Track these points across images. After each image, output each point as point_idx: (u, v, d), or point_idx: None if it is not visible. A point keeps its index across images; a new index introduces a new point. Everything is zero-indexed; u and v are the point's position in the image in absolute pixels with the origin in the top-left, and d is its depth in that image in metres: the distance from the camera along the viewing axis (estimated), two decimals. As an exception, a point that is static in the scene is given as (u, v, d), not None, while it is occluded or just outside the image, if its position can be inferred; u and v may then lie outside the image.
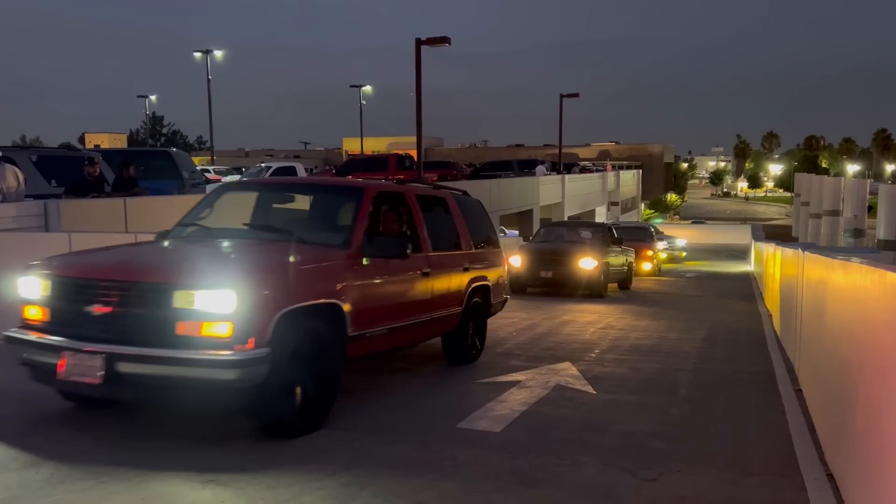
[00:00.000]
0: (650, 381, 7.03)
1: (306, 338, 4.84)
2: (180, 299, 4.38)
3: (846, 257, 4.46)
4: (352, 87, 59.47)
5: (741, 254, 33.49)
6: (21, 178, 9.99)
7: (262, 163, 29.13)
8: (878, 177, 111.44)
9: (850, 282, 4.05)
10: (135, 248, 6.06)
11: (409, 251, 6.00)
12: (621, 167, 62.20)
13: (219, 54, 45.90)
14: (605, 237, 16.40)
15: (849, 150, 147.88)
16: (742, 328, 11.37)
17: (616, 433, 5.18)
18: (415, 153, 24.82)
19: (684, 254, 31.22)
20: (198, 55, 44.88)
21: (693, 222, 61.27)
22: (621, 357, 8.28)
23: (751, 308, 14.29)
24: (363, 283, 5.49)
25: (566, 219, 34.80)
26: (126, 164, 12.05)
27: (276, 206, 6.73)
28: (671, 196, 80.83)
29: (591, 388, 6.53)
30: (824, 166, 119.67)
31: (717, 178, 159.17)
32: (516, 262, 15.04)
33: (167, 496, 3.83)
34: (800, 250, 7.33)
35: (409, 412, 5.63)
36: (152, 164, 16.22)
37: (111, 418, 5.12)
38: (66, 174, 11.82)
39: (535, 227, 33.12)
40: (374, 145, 71.51)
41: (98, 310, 4.51)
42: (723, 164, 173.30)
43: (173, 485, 3.97)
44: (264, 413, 4.63)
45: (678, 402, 6.26)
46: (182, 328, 4.36)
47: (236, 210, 6.67)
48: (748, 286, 19.58)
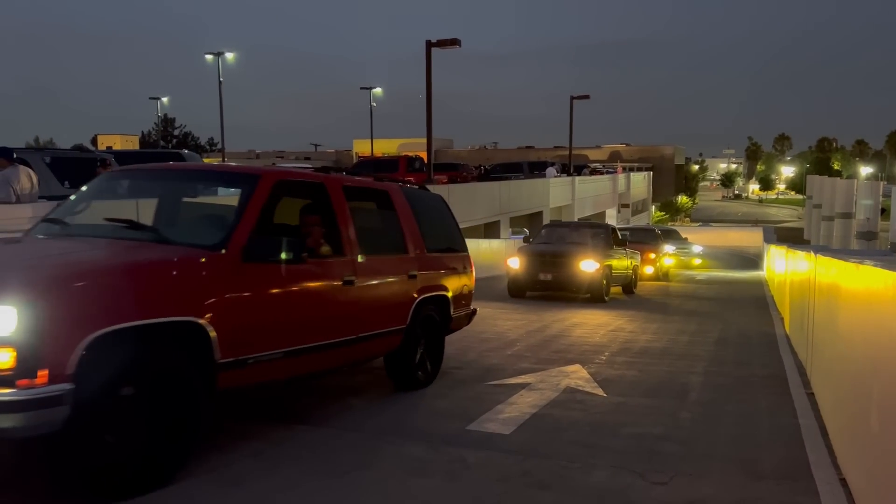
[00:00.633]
0: (661, 384, 7.00)
1: (143, 368, 3.75)
2: None
3: (859, 259, 4.43)
4: (362, 88, 59.64)
5: (753, 260, 32.05)
6: (34, 179, 10.06)
7: (273, 164, 29.26)
8: (891, 179, 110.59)
9: (863, 284, 4.02)
10: None
11: (329, 253, 5.13)
12: (632, 169, 62.08)
13: (230, 57, 46.12)
14: (607, 239, 15.68)
15: (862, 152, 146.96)
16: (753, 331, 11.31)
17: (626, 436, 5.16)
18: (425, 155, 24.86)
19: (697, 261, 29.13)
20: (209, 58, 45.13)
21: (700, 225, 60.94)
22: (632, 360, 8.25)
23: (763, 312, 14.21)
24: (245, 294, 4.31)
25: (576, 220, 34.73)
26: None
27: (183, 198, 5.67)
28: (682, 198, 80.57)
29: (601, 391, 6.51)
30: (837, 168, 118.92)
31: (728, 180, 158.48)
32: (515, 264, 14.61)
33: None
34: (812, 252, 7.28)
35: (419, 413, 5.63)
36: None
37: None
38: (80, 175, 11.87)
39: (546, 230, 33.12)
40: (385, 147, 71.67)
41: None
42: (734, 167, 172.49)
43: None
44: (79, 469, 3.53)
45: (689, 405, 6.22)
46: None
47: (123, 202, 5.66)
48: (760, 293, 18.94)
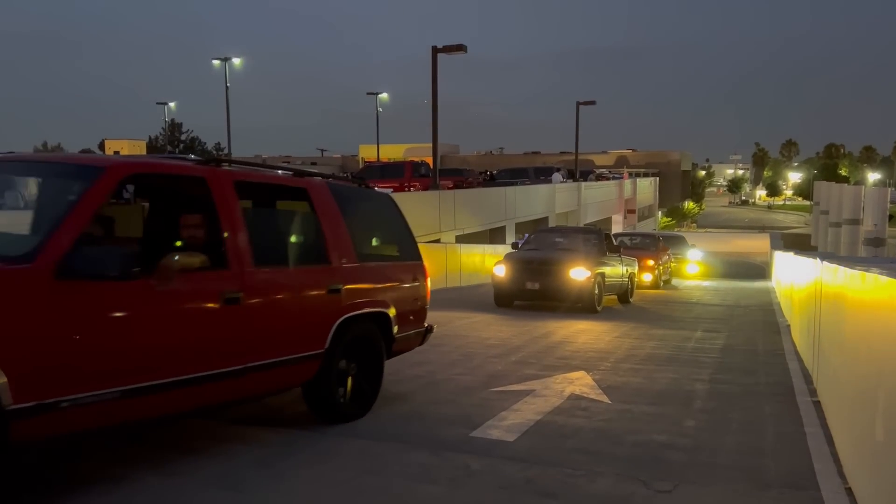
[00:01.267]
0: (666, 392, 6.98)
1: None
2: None
3: (865, 267, 4.41)
4: (369, 94, 59.81)
5: (760, 268, 30.43)
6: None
7: (280, 170, 29.25)
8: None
9: (869, 292, 4.00)
10: None
11: (200, 265, 4.12)
12: (638, 174, 62.01)
13: (237, 62, 46.35)
14: (600, 244, 14.69)
15: (869, 158, 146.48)
16: (759, 339, 11.26)
17: (631, 444, 5.14)
18: (431, 160, 24.90)
19: (691, 267, 26.10)
20: (216, 63, 45.36)
21: (707, 231, 60.62)
22: (637, 366, 8.22)
23: (769, 319, 14.15)
24: (59, 319, 3.45)
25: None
26: None
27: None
28: (689, 204, 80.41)
29: (605, 398, 6.49)
30: (844, 174, 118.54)
31: (735, 185, 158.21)
32: (500, 272, 13.76)
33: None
34: (818, 260, 7.25)
35: (424, 420, 5.62)
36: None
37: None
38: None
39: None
40: (392, 152, 71.76)
41: None
42: (741, 172, 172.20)
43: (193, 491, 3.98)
44: None
45: (694, 412, 6.20)
46: None
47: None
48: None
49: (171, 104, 66.02)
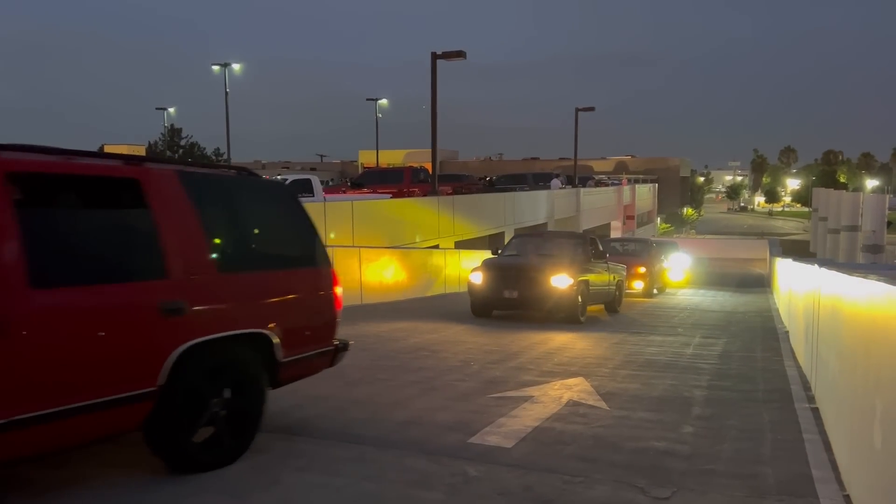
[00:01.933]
0: (664, 398, 6.97)
1: None
2: None
3: (864, 274, 4.41)
4: (368, 100, 59.90)
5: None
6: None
7: (279, 175, 29.35)
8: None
9: (867, 299, 4.01)
10: None
11: None
12: (637, 181, 62.11)
13: (237, 67, 46.39)
14: (584, 250, 13.76)
15: (868, 164, 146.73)
16: (758, 345, 11.25)
17: (629, 450, 5.13)
18: (430, 166, 24.93)
19: (672, 274, 22.90)
20: (216, 68, 45.40)
21: (704, 238, 60.57)
22: (635, 373, 8.21)
23: (767, 325, 14.15)
24: None
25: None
26: None
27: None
28: (688, 210, 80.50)
29: (604, 404, 6.48)
30: (843, 181, 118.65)
31: (733, 192, 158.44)
32: (477, 279, 12.80)
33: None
34: (817, 266, 7.26)
35: (422, 426, 5.61)
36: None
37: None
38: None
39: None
40: (391, 157, 71.83)
41: None
42: (739, 179, 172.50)
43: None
44: None
45: (692, 419, 6.19)
46: None
47: None
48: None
49: (171, 109, 66.10)
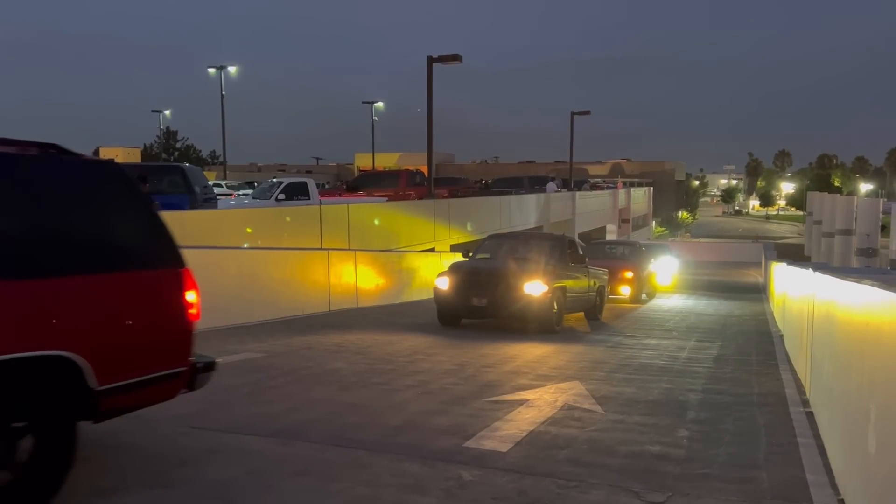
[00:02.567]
0: (659, 402, 6.98)
1: None
2: None
3: (858, 278, 4.42)
4: (364, 103, 59.94)
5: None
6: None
7: (275, 178, 29.31)
8: (891, 196, 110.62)
9: (861, 303, 4.02)
10: None
11: None
12: (633, 184, 62.23)
13: (233, 70, 46.39)
14: (562, 253, 12.75)
15: (862, 168, 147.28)
16: (752, 349, 11.28)
17: (624, 454, 5.13)
18: (426, 169, 24.94)
19: (659, 277, 21.56)
20: (212, 71, 45.39)
21: (698, 241, 60.63)
22: (630, 376, 8.22)
23: (762, 329, 14.18)
24: None
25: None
26: (142, 180, 12.36)
27: None
28: (683, 213, 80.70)
29: (599, 408, 6.48)
30: (837, 185, 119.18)
31: (728, 195, 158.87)
32: (443, 284, 11.87)
33: None
34: (811, 270, 7.28)
35: (416, 430, 5.60)
36: (165, 178, 16.39)
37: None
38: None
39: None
40: (387, 161, 71.84)
41: None
42: (734, 182, 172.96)
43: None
44: None
45: (687, 423, 6.20)
46: None
47: None
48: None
49: (167, 112, 66.15)
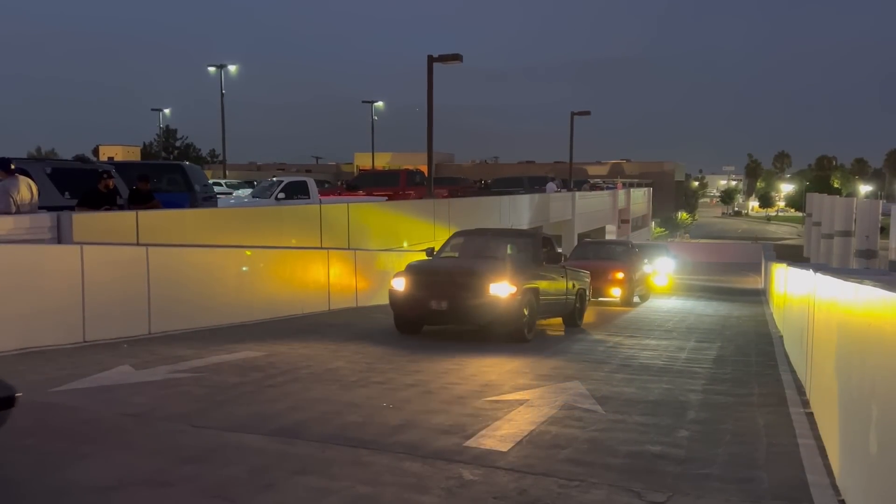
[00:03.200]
0: (659, 402, 6.98)
1: None
2: None
3: (859, 279, 4.43)
4: (364, 102, 59.87)
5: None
6: (34, 190, 10.08)
7: (274, 177, 29.31)
8: (890, 197, 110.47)
9: (862, 304, 4.02)
10: None
11: None
12: (632, 185, 62.28)
13: (233, 69, 46.36)
14: (535, 252, 11.56)
15: (861, 170, 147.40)
16: (752, 350, 11.29)
17: (624, 454, 5.14)
18: (425, 168, 24.94)
19: (656, 275, 21.44)
20: (212, 69, 45.36)
21: (697, 242, 60.63)
22: (630, 377, 8.22)
23: (761, 330, 14.19)
24: None
25: (575, 236, 34.43)
26: (143, 178, 12.38)
27: None
28: (682, 214, 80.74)
29: (599, 408, 6.48)
30: (836, 186, 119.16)
31: (727, 196, 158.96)
32: (399, 286, 10.43)
33: None
34: (812, 271, 7.28)
35: (417, 429, 5.60)
36: (165, 177, 16.38)
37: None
38: (80, 186, 11.94)
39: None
40: (379, 160, 71.80)
41: None
42: (734, 183, 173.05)
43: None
44: None
45: (687, 423, 6.20)
46: None
47: None
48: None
49: (166, 111, 66.07)
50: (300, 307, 12.88)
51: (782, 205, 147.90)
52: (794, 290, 9.76)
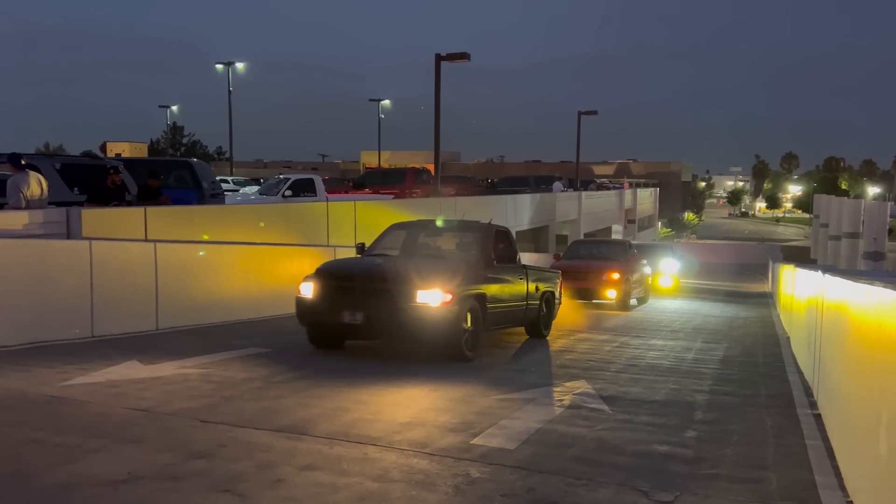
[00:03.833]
0: (666, 402, 6.97)
1: None
2: None
3: (869, 281, 4.42)
4: (371, 100, 59.90)
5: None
6: (45, 185, 10.15)
7: (281, 174, 29.37)
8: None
9: (872, 305, 4.01)
10: None
11: None
12: (639, 185, 62.17)
13: (240, 66, 46.44)
14: (484, 249, 9.48)
15: (869, 171, 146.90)
16: (759, 351, 11.26)
17: (631, 454, 5.13)
18: (432, 167, 24.94)
19: (661, 276, 20.81)
20: (220, 67, 45.42)
21: (704, 243, 60.48)
22: (637, 376, 8.22)
23: (768, 332, 14.15)
24: None
25: (582, 236, 34.31)
26: (152, 175, 12.44)
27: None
28: (689, 215, 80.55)
29: (606, 408, 6.48)
30: (844, 188, 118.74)
31: (735, 197, 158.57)
32: (307, 291, 8.57)
33: None
34: (820, 273, 7.27)
35: (424, 427, 5.61)
36: (173, 174, 16.44)
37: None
38: (89, 182, 12.01)
39: (552, 245, 33.06)
40: (393, 159, 71.85)
41: None
42: (741, 184, 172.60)
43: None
44: None
45: (695, 423, 6.19)
46: None
47: None
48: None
49: (174, 107, 66.25)
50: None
51: (789, 206, 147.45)
52: (802, 291, 9.74)
